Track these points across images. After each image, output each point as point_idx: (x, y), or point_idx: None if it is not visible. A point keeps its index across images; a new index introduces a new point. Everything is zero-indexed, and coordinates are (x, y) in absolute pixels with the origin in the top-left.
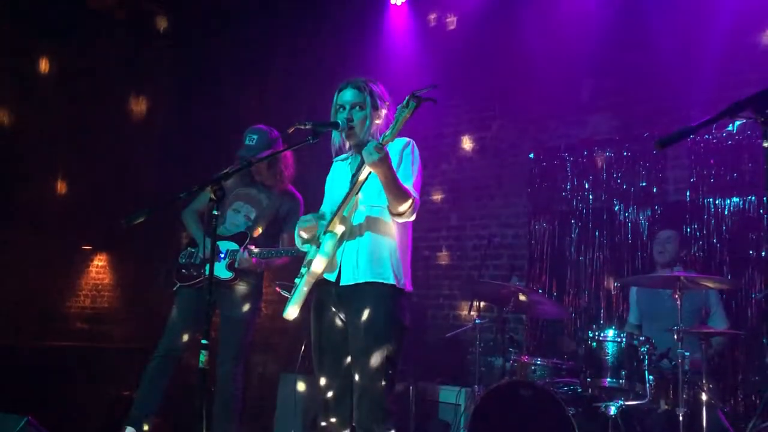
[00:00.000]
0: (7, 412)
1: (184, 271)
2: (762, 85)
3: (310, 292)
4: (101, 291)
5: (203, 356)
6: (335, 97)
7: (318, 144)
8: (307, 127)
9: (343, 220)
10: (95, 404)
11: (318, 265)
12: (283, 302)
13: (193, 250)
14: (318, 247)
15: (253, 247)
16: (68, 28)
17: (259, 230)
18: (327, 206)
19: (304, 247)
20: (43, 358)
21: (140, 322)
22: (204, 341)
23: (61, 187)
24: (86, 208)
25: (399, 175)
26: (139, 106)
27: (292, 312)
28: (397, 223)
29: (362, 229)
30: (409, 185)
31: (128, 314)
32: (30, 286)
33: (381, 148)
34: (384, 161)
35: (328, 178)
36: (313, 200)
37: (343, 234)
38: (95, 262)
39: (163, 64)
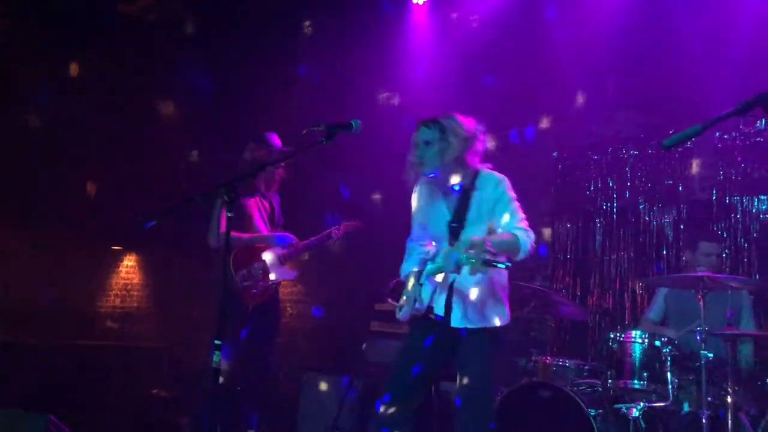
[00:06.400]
0: (31, 410)
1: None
2: None
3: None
4: (131, 290)
5: (216, 356)
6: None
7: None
8: (320, 129)
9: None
10: (125, 402)
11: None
12: (307, 303)
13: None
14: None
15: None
16: (98, 31)
17: None
18: (419, 228)
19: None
20: (75, 358)
21: (168, 321)
22: (217, 341)
23: (92, 188)
24: (116, 209)
25: (510, 219)
26: (168, 108)
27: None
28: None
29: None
30: (519, 221)
31: (156, 313)
32: (62, 287)
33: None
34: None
35: (420, 196)
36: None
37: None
38: (125, 262)
39: (193, 65)
